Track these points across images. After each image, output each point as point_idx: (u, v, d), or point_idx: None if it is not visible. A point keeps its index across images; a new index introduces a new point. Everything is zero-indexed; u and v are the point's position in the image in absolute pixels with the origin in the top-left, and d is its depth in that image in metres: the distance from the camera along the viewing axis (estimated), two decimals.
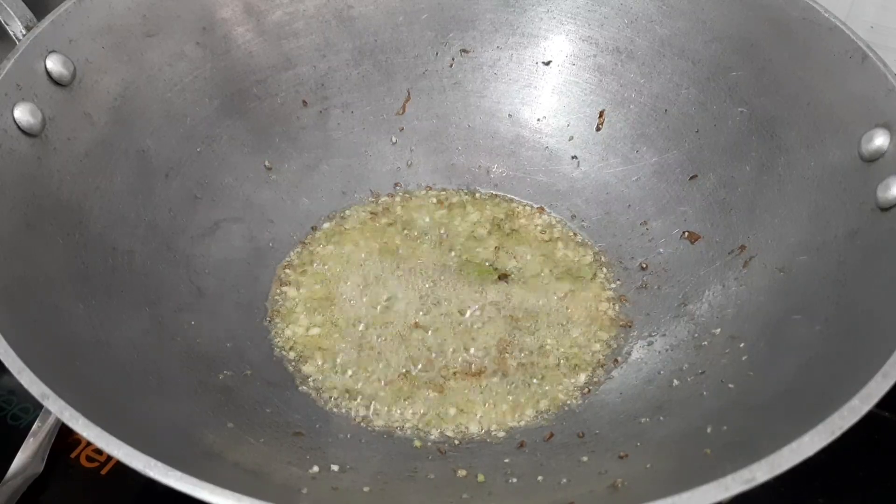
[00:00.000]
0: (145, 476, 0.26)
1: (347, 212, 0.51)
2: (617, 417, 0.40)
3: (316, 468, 0.35)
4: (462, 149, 0.53)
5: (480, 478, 0.36)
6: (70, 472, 0.42)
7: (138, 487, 0.41)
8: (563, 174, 0.52)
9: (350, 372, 0.43)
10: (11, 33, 0.40)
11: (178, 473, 0.26)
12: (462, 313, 0.45)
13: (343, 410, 0.41)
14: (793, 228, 0.41)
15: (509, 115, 0.53)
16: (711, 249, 0.45)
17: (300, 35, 0.51)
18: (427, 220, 0.51)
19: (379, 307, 0.46)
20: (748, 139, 0.45)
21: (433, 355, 0.43)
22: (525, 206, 0.52)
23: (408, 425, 0.41)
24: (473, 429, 0.41)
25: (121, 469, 0.40)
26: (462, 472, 0.37)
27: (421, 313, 0.45)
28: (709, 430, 0.34)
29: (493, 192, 0.53)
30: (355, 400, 0.42)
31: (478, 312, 0.45)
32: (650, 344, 0.44)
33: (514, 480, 0.36)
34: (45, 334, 0.33)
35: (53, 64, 0.39)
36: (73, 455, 0.42)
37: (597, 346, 0.44)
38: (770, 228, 0.43)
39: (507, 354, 0.43)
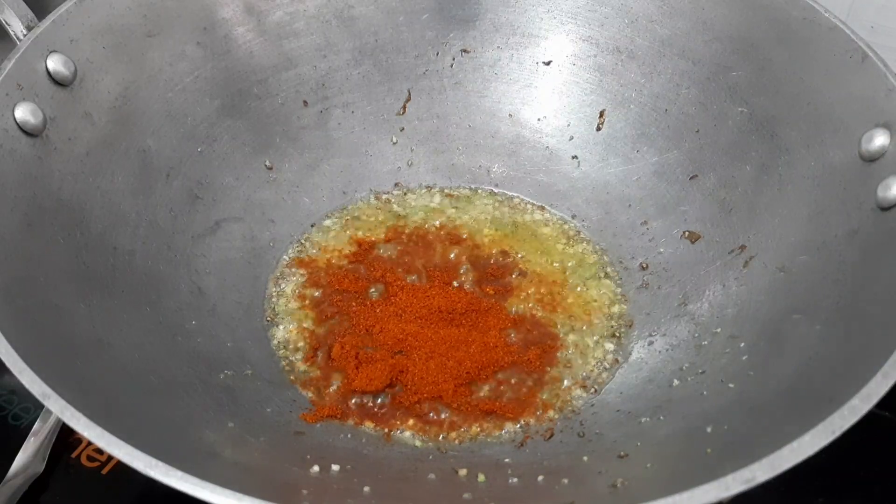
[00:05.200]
0: (146, 476, 0.26)
1: (348, 210, 0.51)
2: (617, 417, 0.40)
3: (316, 468, 0.35)
4: (462, 149, 0.53)
5: (481, 478, 0.36)
6: (71, 472, 0.42)
7: (139, 487, 0.41)
8: (564, 174, 0.52)
9: (351, 371, 0.43)
10: (12, 33, 0.40)
11: (180, 473, 0.26)
12: (463, 312, 0.45)
13: (343, 410, 0.41)
14: (793, 228, 0.41)
15: (510, 115, 0.53)
16: (711, 249, 0.45)
17: (301, 35, 0.51)
18: (427, 219, 0.51)
19: (380, 306, 0.46)
20: (748, 139, 0.45)
21: (434, 355, 0.43)
22: (525, 205, 0.52)
23: (408, 425, 0.41)
24: (474, 429, 0.41)
25: (122, 469, 0.40)
26: (462, 472, 0.37)
27: (422, 311, 0.45)
28: (709, 429, 0.34)
29: (494, 192, 0.53)
30: (356, 399, 0.42)
31: (478, 311, 0.45)
32: (650, 343, 0.44)
33: (515, 480, 0.36)
34: (45, 334, 0.33)
35: (54, 64, 0.39)
36: (73, 455, 0.42)
37: (597, 346, 0.44)
38: (770, 228, 0.43)
39: (507, 354, 0.43)
